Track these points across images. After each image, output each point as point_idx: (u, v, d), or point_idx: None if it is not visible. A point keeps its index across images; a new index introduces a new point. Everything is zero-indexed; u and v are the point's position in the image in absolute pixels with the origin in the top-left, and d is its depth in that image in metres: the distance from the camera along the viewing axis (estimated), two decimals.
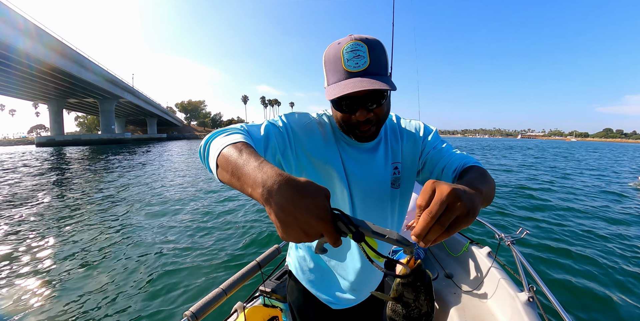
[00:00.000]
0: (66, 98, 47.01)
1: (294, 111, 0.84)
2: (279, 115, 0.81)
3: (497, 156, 24.04)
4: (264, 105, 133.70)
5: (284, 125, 0.77)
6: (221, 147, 0.54)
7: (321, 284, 0.99)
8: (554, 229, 5.04)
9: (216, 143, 0.57)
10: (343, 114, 0.74)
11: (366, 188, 0.86)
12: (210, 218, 5.73)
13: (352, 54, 0.66)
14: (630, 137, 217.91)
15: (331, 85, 0.70)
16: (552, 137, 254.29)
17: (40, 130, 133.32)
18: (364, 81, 0.65)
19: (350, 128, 0.77)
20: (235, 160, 0.50)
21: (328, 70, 0.71)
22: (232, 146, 0.53)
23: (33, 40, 26.05)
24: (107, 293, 3.14)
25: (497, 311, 1.72)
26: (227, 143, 0.54)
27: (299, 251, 1.02)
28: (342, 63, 0.67)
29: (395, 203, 0.92)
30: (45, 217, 5.89)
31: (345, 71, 0.67)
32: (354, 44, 0.66)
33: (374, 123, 0.74)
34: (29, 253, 4.12)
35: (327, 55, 0.71)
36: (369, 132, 0.76)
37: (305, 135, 0.80)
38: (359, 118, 0.71)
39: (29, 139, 78.26)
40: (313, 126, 0.82)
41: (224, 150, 0.53)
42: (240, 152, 0.51)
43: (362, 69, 0.66)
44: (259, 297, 1.68)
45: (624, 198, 8.02)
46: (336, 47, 0.69)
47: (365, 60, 0.66)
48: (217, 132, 0.62)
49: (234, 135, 0.58)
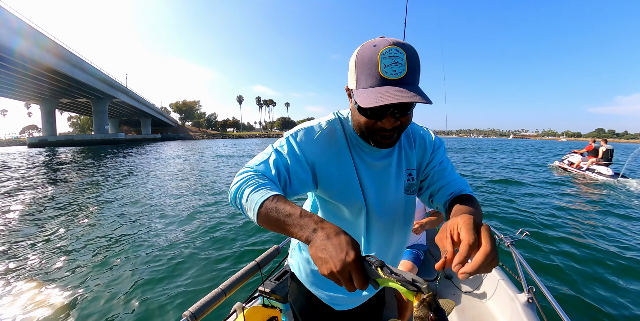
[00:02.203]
0: (59, 99, 46.53)
1: (298, 129, 0.82)
2: (285, 138, 0.80)
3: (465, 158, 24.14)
4: (259, 105, 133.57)
5: (290, 150, 0.78)
6: (257, 206, 0.63)
7: (325, 285, 0.99)
8: (554, 228, 5.08)
9: (249, 199, 0.66)
10: (368, 120, 0.72)
11: (381, 196, 0.86)
12: (209, 218, 5.68)
13: (391, 60, 0.63)
14: (622, 137, 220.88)
15: (363, 90, 0.67)
16: (545, 137, 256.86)
17: (33, 130, 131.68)
18: (403, 92, 0.62)
19: (371, 134, 0.75)
20: (276, 217, 0.60)
21: (360, 73, 0.67)
22: (267, 202, 0.62)
23: (23, 38, 25.78)
24: (105, 293, 3.10)
25: (496, 312, 1.72)
26: (261, 201, 0.63)
27: (302, 253, 1.01)
28: (379, 68, 0.64)
29: (409, 209, 0.93)
30: (41, 216, 5.81)
31: (382, 77, 0.64)
32: (393, 50, 0.63)
33: (397, 130, 0.74)
34: (27, 251, 4.06)
35: (360, 57, 0.67)
36: (391, 139, 0.75)
37: (315, 151, 0.80)
38: (385, 125, 0.70)
39: (21, 140, 77.29)
40: (322, 138, 0.81)
41: (261, 209, 0.62)
42: (277, 210, 0.61)
43: (399, 78, 0.64)
44: (258, 297, 1.66)
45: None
46: (372, 50, 0.65)
47: (403, 69, 0.64)
48: (242, 183, 0.70)
49: (261, 190, 0.66)
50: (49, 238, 4.66)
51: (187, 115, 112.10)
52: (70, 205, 6.89)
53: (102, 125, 46.83)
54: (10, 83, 35.79)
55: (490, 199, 7.27)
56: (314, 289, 1.00)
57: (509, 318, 1.56)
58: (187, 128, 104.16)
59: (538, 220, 5.50)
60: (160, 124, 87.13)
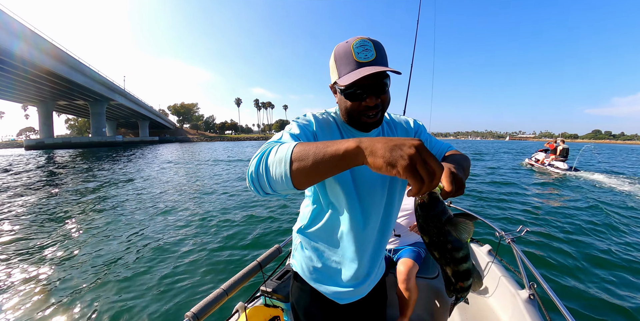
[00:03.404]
0: (56, 101, 46.27)
1: (301, 116, 0.92)
2: (292, 121, 0.88)
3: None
4: (257, 108, 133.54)
5: (299, 127, 0.84)
6: (288, 152, 0.57)
7: (329, 280, 1.02)
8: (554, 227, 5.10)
9: (277, 154, 0.60)
10: (353, 102, 0.82)
11: (370, 176, 0.92)
12: (209, 219, 5.68)
13: (362, 48, 0.77)
14: (619, 138, 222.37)
15: (344, 76, 0.79)
16: (542, 138, 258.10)
17: (30, 133, 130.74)
18: (376, 67, 0.74)
19: (358, 116, 0.84)
20: (314, 150, 0.55)
21: (339, 64, 0.80)
22: (297, 147, 0.58)
23: (23, 41, 25.81)
24: (107, 294, 3.09)
25: (498, 308, 1.72)
26: (292, 147, 0.58)
27: (305, 252, 1.04)
28: (353, 56, 0.77)
29: (396, 187, 0.98)
30: (38, 216, 5.78)
31: (357, 62, 0.77)
32: (362, 41, 0.78)
33: (379, 109, 0.83)
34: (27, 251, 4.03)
35: (337, 52, 0.81)
36: (376, 117, 0.84)
37: (319, 127, 0.88)
38: (369, 104, 0.80)
39: (18, 142, 76.82)
40: (322, 120, 0.91)
41: (293, 154, 0.57)
42: (309, 144, 0.57)
43: (370, 60, 0.77)
44: (260, 297, 1.66)
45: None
46: (345, 45, 0.79)
47: (373, 53, 0.77)
48: (263, 151, 0.64)
49: (284, 145, 0.62)
50: (48, 241, 4.63)
51: (185, 118, 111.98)
52: (68, 209, 6.85)
53: (99, 127, 46.61)
54: (9, 85, 35.64)
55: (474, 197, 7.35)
56: (318, 285, 1.03)
57: (511, 314, 1.56)
58: (185, 131, 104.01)
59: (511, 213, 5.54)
60: (158, 127, 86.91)
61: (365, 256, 0.98)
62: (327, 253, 1.00)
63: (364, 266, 0.99)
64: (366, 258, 0.98)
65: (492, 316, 1.69)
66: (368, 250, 0.98)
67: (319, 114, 0.93)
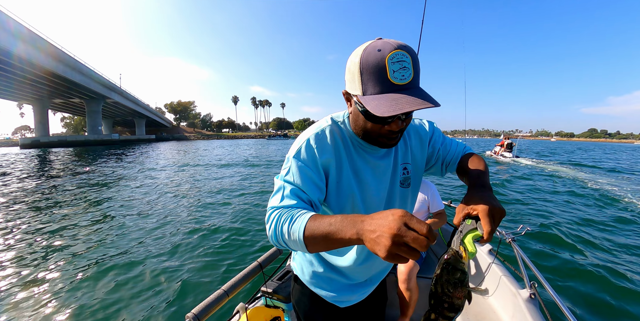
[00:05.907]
0: (51, 99, 45.90)
1: (299, 148, 0.80)
2: (288, 161, 0.79)
3: None
4: (254, 105, 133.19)
5: (299, 172, 0.76)
6: (300, 234, 0.60)
7: (329, 284, 1.00)
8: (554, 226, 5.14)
9: (290, 235, 0.62)
10: (374, 124, 0.74)
11: (381, 191, 0.89)
12: (210, 219, 5.66)
13: (399, 65, 0.63)
14: (614, 137, 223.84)
15: (373, 97, 0.66)
16: (538, 137, 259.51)
17: (25, 131, 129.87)
18: (416, 100, 0.63)
19: (377, 137, 0.77)
20: (322, 233, 0.58)
21: (367, 79, 0.66)
22: (307, 225, 0.60)
23: (21, 40, 25.71)
24: (107, 296, 3.07)
25: (498, 308, 1.72)
26: (302, 227, 0.60)
27: (306, 256, 1.03)
28: (388, 74, 0.63)
29: (405, 201, 0.96)
30: (34, 220, 5.73)
31: (391, 83, 0.64)
32: (400, 54, 0.63)
33: (402, 131, 0.77)
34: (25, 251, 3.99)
35: (366, 61, 0.65)
36: (397, 139, 0.78)
37: (324, 158, 0.80)
38: (393, 128, 0.73)
39: (13, 140, 76.02)
40: (322, 147, 0.81)
41: (305, 235, 0.59)
42: (318, 226, 0.58)
43: (407, 82, 0.64)
44: (260, 298, 1.65)
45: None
46: (378, 55, 0.64)
47: (410, 73, 0.64)
48: (275, 224, 0.66)
49: (297, 219, 0.63)
50: (50, 240, 4.60)
51: (182, 116, 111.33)
52: (65, 209, 6.81)
53: (95, 125, 46.23)
54: (4, 84, 35.33)
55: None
56: (317, 290, 1.02)
57: (512, 314, 1.56)
58: (182, 129, 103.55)
59: None
60: (155, 125, 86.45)
61: (368, 263, 0.96)
62: (329, 258, 0.98)
63: (367, 273, 0.98)
64: (369, 265, 0.96)
65: (493, 316, 1.69)
66: (371, 257, 0.95)
67: (320, 131, 0.82)
